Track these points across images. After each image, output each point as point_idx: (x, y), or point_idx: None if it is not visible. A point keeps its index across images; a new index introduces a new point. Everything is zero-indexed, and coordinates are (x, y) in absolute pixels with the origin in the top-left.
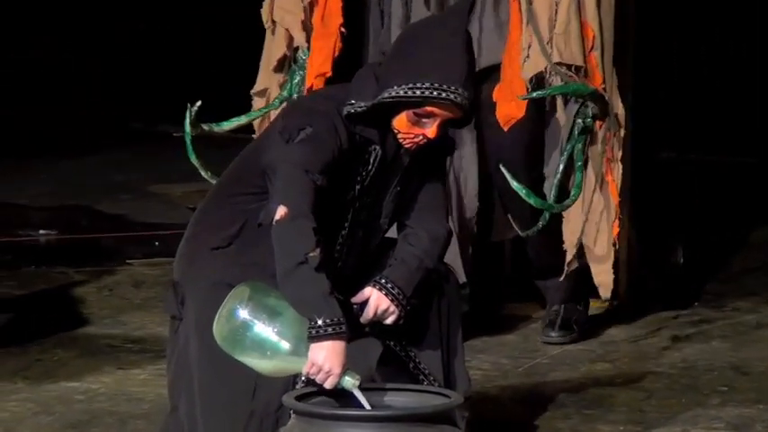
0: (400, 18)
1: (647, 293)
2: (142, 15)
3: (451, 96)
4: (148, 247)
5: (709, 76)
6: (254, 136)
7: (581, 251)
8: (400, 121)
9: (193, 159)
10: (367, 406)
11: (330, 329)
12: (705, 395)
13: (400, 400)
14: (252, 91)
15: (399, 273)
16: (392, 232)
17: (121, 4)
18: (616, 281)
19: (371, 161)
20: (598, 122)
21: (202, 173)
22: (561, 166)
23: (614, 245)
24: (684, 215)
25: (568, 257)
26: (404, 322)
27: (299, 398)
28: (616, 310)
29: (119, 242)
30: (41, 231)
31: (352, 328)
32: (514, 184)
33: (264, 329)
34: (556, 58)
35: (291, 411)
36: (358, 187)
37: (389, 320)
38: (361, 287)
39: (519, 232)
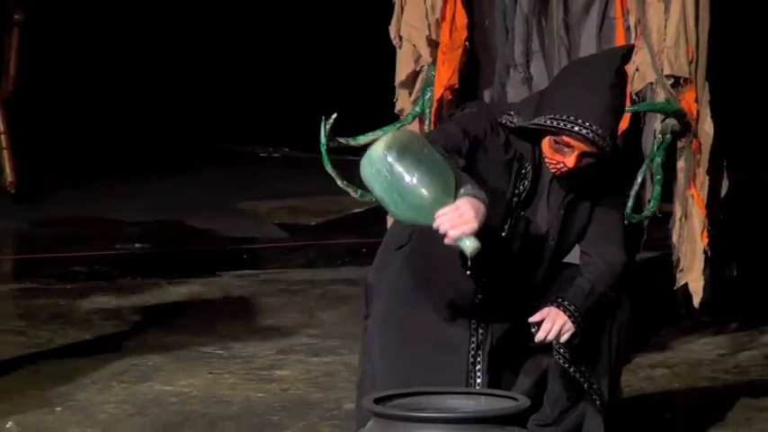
0: (522, 34)
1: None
2: (233, 42)
3: (583, 132)
4: (237, 259)
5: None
6: None
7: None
8: (545, 146)
9: (329, 169)
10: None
11: (484, 196)
12: (757, 398)
13: (470, 403)
14: (395, 110)
15: (573, 295)
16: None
17: (220, 32)
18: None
19: (527, 176)
20: (680, 139)
21: (338, 182)
22: (639, 179)
23: (705, 253)
24: (739, 229)
25: (678, 268)
26: (580, 345)
27: (378, 401)
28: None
29: (209, 255)
30: (137, 245)
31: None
32: None
33: (410, 171)
34: (667, 70)
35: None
36: (516, 200)
37: (565, 337)
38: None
39: None
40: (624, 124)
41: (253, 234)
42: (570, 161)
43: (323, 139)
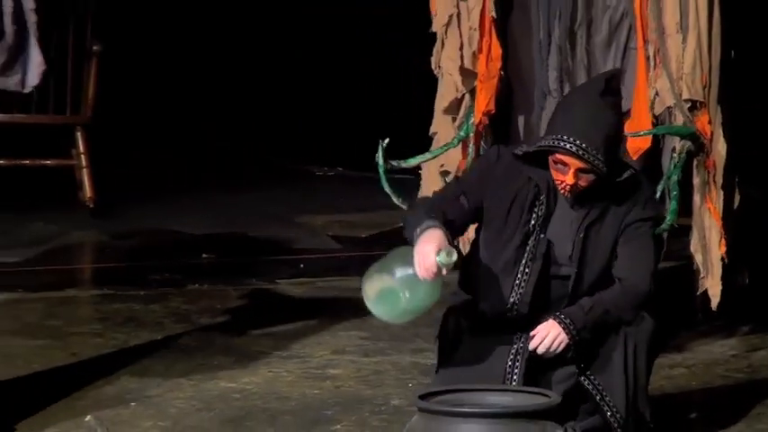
0: (555, 63)
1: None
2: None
3: (567, 146)
4: (294, 268)
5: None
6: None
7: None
8: (551, 169)
9: (387, 188)
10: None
11: (421, 231)
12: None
13: (507, 399)
14: (429, 133)
15: (572, 310)
16: None
17: (283, 58)
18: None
19: (543, 201)
20: (695, 158)
21: (394, 199)
22: (657, 195)
23: (722, 260)
24: (750, 239)
25: (701, 275)
26: (594, 362)
27: (422, 397)
28: (691, 325)
29: (269, 264)
30: (204, 255)
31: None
32: None
33: (391, 280)
34: (685, 95)
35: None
36: (533, 222)
37: (560, 348)
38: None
39: None
40: (645, 144)
41: (309, 245)
42: (569, 178)
43: (380, 160)
